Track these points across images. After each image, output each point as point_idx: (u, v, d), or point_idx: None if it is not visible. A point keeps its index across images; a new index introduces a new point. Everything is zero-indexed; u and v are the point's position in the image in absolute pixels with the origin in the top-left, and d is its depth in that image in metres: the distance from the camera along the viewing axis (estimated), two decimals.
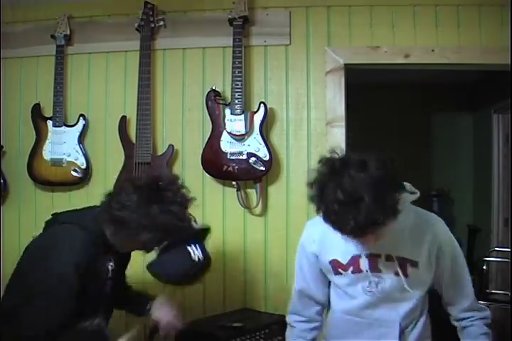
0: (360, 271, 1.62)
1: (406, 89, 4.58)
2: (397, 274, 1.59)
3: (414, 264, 1.59)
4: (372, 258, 1.60)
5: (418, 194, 1.60)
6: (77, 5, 2.78)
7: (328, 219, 1.41)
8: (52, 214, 1.87)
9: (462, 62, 2.57)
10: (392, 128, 4.70)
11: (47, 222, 1.85)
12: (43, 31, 2.77)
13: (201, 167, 2.58)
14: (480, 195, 4.62)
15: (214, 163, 2.54)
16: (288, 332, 1.83)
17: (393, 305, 1.63)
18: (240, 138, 2.51)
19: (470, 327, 1.70)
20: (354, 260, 1.62)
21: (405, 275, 1.59)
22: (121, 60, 2.77)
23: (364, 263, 1.61)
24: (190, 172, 2.66)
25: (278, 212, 2.63)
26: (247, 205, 2.62)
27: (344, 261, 1.64)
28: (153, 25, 2.66)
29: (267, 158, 2.50)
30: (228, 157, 2.52)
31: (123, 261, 1.92)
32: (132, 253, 1.95)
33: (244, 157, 2.51)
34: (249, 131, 2.51)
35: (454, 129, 4.99)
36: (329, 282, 1.75)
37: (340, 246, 1.62)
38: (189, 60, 2.72)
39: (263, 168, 2.50)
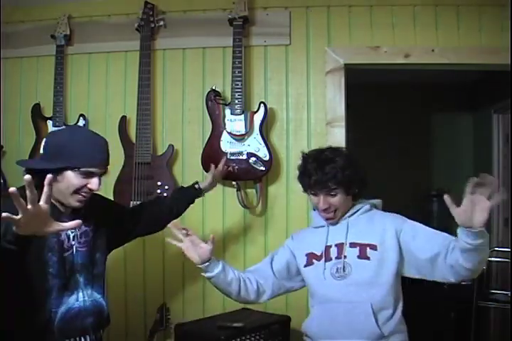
0: (330, 259, 1.84)
1: (406, 89, 4.57)
2: (359, 257, 1.79)
3: (373, 247, 1.80)
4: (339, 246, 1.85)
5: (380, 200, 2.00)
6: (77, 5, 2.79)
7: (302, 171, 1.87)
8: None
9: (462, 62, 2.57)
10: (392, 128, 4.69)
11: None
12: (43, 31, 2.77)
13: (201, 167, 2.58)
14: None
15: (214, 163, 2.54)
16: None
17: (363, 288, 1.76)
18: (240, 138, 2.51)
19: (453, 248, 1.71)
20: (326, 250, 1.86)
21: (366, 257, 1.79)
22: (121, 60, 2.77)
23: (333, 252, 1.84)
24: (190, 172, 2.67)
25: (278, 212, 2.63)
26: (247, 205, 2.62)
27: (318, 252, 1.87)
28: (153, 25, 2.66)
29: (267, 158, 2.50)
30: (228, 157, 2.52)
31: (96, 226, 1.76)
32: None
33: (244, 157, 2.51)
34: (249, 131, 2.51)
35: (454, 129, 4.98)
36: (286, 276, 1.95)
37: (315, 241, 1.91)
38: (189, 60, 2.72)
39: (263, 168, 2.51)
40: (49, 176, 1.30)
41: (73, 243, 1.69)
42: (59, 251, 1.64)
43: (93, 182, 1.63)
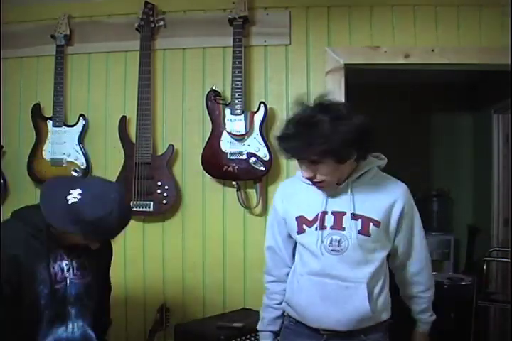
0: (324, 228, 1.65)
1: (406, 89, 4.57)
2: (359, 232, 1.63)
3: (376, 224, 1.64)
4: (338, 215, 1.64)
5: (386, 160, 1.74)
6: (77, 5, 2.78)
7: (280, 134, 1.56)
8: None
9: (462, 62, 2.57)
10: (392, 128, 4.69)
11: None
12: (43, 31, 2.77)
13: (201, 167, 2.58)
14: (480, 195, 4.61)
15: (214, 163, 2.54)
16: (264, 297, 1.88)
17: (358, 266, 1.65)
18: (240, 138, 2.51)
19: (415, 298, 1.78)
20: (320, 216, 1.65)
21: (367, 234, 1.63)
22: (121, 60, 2.77)
23: (329, 220, 1.65)
24: (190, 172, 2.67)
25: None
26: (247, 205, 2.62)
27: (310, 217, 1.67)
28: (153, 25, 2.66)
29: (267, 158, 2.50)
30: (228, 157, 2.52)
31: (94, 258, 1.73)
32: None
33: (244, 157, 2.51)
34: (249, 131, 2.51)
35: (454, 129, 4.98)
36: (294, 245, 1.79)
37: (308, 202, 1.69)
38: (189, 60, 2.72)
39: (263, 168, 2.51)
40: None
41: (67, 275, 1.65)
42: (51, 284, 1.60)
43: (96, 245, 1.61)
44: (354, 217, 1.63)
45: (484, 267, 3.29)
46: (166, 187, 2.59)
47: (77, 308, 1.68)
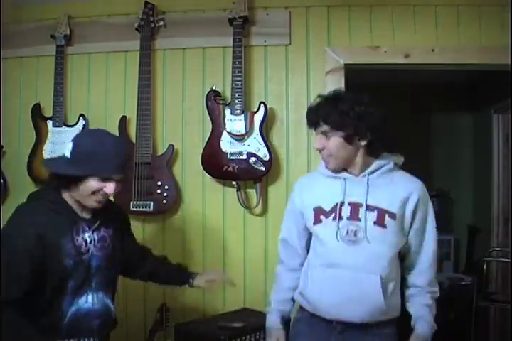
0: (341, 218, 1.69)
1: (406, 89, 4.57)
2: (375, 223, 1.66)
3: (392, 216, 1.67)
4: (354, 206, 1.69)
5: (403, 158, 1.83)
6: (77, 5, 2.78)
7: (308, 108, 1.74)
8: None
9: (462, 62, 2.57)
10: (393, 128, 4.69)
11: None
12: (43, 31, 2.77)
13: (201, 167, 2.58)
14: (480, 195, 4.61)
15: (214, 163, 2.54)
16: (274, 285, 1.93)
17: (372, 257, 1.66)
18: (240, 138, 2.51)
19: (416, 296, 1.77)
20: (337, 207, 1.70)
21: (383, 225, 1.66)
22: (121, 60, 2.77)
23: (346, 211, 1.69)
24: (190, 172, 2.67)
25: (278, 212, 2.62)
26: (247, 205, 2.62)
27: (327, 207, 1.72)
28: (153, 25, 2.66)
29: (267, 158, 2.50)
30: (228, 157, 2.52)
31: (113, 230, 1.82)
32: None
33: (244, 157, 2.51)
34: (249, 131, 2.51)
35: (454, 129, 4.98)
36: (309, 237, 1.83)
37: (325, 194, 1.75)
38: (189, 60, 2.72)
39: (263, 168, 2.51)
40: None
41: (90, 247, 1.73)
42: (76, 255, 1.68)
43: (109, 187, 1.68)
44: (370, 208, 1.67)
45: (484, 267, 3.30)
46: (166, 187, 2.59)
47: (98, 279, 1.75)
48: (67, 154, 1.66)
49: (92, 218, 1.76)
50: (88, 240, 1.73)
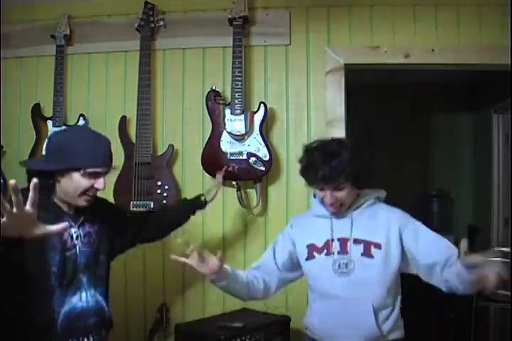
0: (333, 253, 1.80)
1: (406, 89, 4.57)
2: (362, 255, 1.77)
3: (378, 246, 1.78)
4: (343, 241, 1.81)
5: (384, 192, 1.92)
6: (77, 5, 2.78)
7: (307, 165, 1.78)
8: None
9: (462, 62, 2.57)
10: (392, 128, 4.69)
11: None
12: (43, 31, 2.77)
13: (201, 167, 2.58)
14: (480, 195, 4.61)
15: (214, 163, 2.54)
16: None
17: (365, 286, 1.75)
18: (240, 138, 2.51)
19: (452, 270, 1.71)
20: (328, 243, 1.82)
21: (370, 255, 1.77)
22: (121, 60, 2.77)
23: (336, 246, 1.81)
24: (190, 172, 2.67)
25: (278, 212, 2.63)
26: (247, 205, 2.61)
27: (320, 244, 1.84)
28: (153, 25, 2.66)
29: (267, 158, 2.50)
30: (228, 157, 2.52)
31: (98, 226, 1.78)
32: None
33: (244, 157, 2.51)
34: (249, 131, 2.51)
35: (454, 129, 4.97)
36: (286, 260, 1.91)
37: (316, 232, 1.86)
38: (189, 60, 2.72)
39: (263, 168, 2.51)
40: (34, 181, 1.31)
41: (76, 242, 1.70)
42: (61, 250, 1.65)
43: (99, 182, 1.66)
44: (356, 241, 1.79)
45: None
46: (166, 187, 2.59)
47: (88, 276, 1.72)
48: (44, 150, 1.66)
49: (76, 213, 1.72)
50: (74, 236, 1.69)
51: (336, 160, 1.71)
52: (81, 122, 2.72)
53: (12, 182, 1.25)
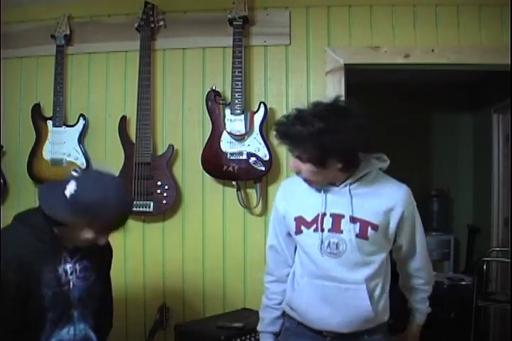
0: (322, 230, 1.65)
1: (406, 89, 4.57)
2: (357, 236, 1.63)
3: (375, 227, 1.64)
4: (336, 217, 1.64)
5: (388, 162, 1.72)
6: (77, 5, 2.78)
7: (278, 124, 1.59)
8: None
9: (462, 62, 2.57)
10: (392, 128, 4.69)
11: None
12: (43, 31, 2.77)
13: (201, 167, 2.58)
14: (480, 195, 4.61)
15: (214, 163, 2.55)
16: (263, 298, 1.87)
17: (356, 268, 1.65)
18: (239, 138, 2.51)
19: (413, 293, 1.82)
20: (319, 218, 1.66)
21: (365, 237, 1.63)
22: (121, 60, 2.77)
23: (327, 222, 1.65)
24: (190, 172, 2.67)
25: None
26: (247, 205, 2.62)
27: (309, 218, 1.67)
28: (153, 25, 2.66)
29: (267, 158, 2.50)
30: (228, 157, 2.52)
31: (96, 261, 1.74)
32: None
33: (244, 157, 2.51)
34: (249, 131, 2.51)
35: (454, 129, 4.98)
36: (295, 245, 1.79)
37: (308, 203, 1.69)
38: (189, 60, 2.72)
39: (263, 168, 2.51)
40: None
41: (71, 278, 1.67)
42: (55, 286, 1.62)
43: (103, 240, 1.62)
44: (352, 220, 1.63)
45: (484, 267, 3.29)
46: (166, 187, 2.59)
47: (80, 311, 1.69)
48: (68, 194, 1.52)
49: (75, 248, 1.67)
50: (69, 271, 1.66)
51: (299, 127, 1.51)
52: (81, 122, 2.71)
53: None
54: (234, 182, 2.58)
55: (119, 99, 2.76)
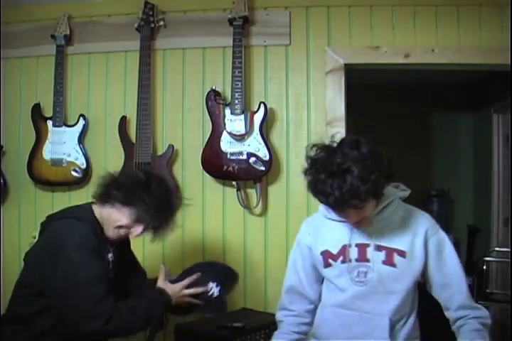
0: (349, 261, 1.65)
1: (406, 89, 4.58)
2: (384, 263, 1.62)
3: (402, 254, 1.63)
4: (362, 247, 1.65)
5: (409, 191, 1.73)
6: (77, 5, 2.78)
7: (314, 188, 1.52)
8: (46, 217, 1.91)
9: (462, 62, 2.57)
10: (392, 129, 4.70)
11: (42, 224, 1.88)
12: (43, 31, 2.77)
13: (201, 167, 2.58)
14: (480, 195, 4.61)
15: (214, 163, 2.54)
16: (277, 331, 1.82)
17: (383, 298, 1.63)
18: (239, 138, 2.51)
19: (464, 325, 1.67)
20: (344, 249, 1.66)
21: (392, 264, 1.63)
22: (121, 60, 2.77)
23: (353, 253, 1.65)
24: (190, 172, 2.67)
25: (278, 212, 2.63)
26: (247, 205, 2.62)
27: (335, 250, 1.68)
28: (153, 25, 2.66)
29: (267, 158, 2.50)
30: (228, 157, 2.52)
31: (121, 253, 1.96)
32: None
33: (244, 157, 2.51)
34: (249, 131, 2.51)
35: (454, 129, 4.98)
36: (322, 279, 1.77)
37: (332, 237, 1.70)
38: (189, 60, 2.72)
39: (263, 168, 2.51)
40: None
41: (111, 266, 1.89)
42: (108, 274, 1.83)
43: (136, 231, 1.83)
44: (378, 248, 1.64)
45: (484, 267, 3.30)
46: None
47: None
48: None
49: (109, 241, 1.89)
50: (110, 260, 1.88)
51: (346, 181, 1.44)
52: (81, 122, 2.71)
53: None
54: (234, 182, 2.58)
55: (119, 99, 2.76)
